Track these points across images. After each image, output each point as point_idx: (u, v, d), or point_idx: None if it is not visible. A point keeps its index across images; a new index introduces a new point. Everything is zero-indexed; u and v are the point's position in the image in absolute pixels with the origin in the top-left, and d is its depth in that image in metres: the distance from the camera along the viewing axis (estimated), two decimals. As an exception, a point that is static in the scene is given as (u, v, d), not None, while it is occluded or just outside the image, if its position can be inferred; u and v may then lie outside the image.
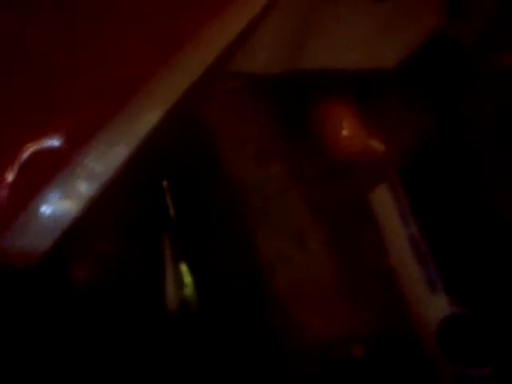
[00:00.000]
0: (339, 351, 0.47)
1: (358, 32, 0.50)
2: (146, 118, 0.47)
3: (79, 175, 0.47)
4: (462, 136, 0.50)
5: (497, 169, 0.49)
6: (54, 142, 0.46)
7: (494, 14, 0.50)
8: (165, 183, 0.52)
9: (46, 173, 0.46)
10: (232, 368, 0.49)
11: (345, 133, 0.51)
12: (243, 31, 0.50)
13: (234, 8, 0.49)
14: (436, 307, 0.46)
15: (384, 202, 0.50)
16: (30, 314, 0.48)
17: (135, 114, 0.47)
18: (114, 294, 0.50)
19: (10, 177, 0.46)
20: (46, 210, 0.46)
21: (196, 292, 0.51)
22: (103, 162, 0.47)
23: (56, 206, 0.46)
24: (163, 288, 0.51)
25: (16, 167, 0.46)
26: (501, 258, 0.46)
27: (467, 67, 0.50)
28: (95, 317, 0.49)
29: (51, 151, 0.46)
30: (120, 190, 0.49)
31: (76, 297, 0.49)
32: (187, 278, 0.51)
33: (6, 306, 0.47)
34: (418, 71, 0.50)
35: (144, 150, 0.48)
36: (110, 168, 0.47)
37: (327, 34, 0.51)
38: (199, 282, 0.51)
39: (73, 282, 0.49)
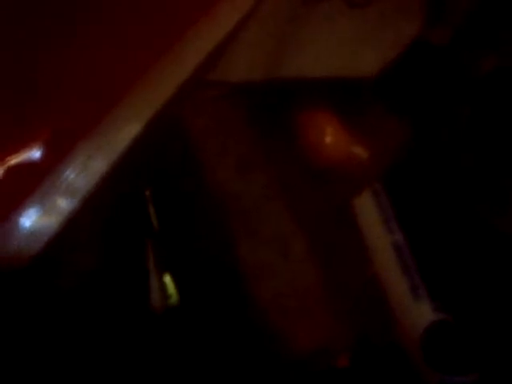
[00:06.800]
0: (323, 361, 0.47)
1: (338, 40, 0.50)
2: (125, 131, 0.48)
3: (59, 189, 0.47)
4: (445, 143, 0.50)
5: (478, 174, 0.49)
6: (34, 155, 0.47)
7: (473, 19, 0.50)
8: (147, 192, 0.52)
9: (26, 185, 0.47)
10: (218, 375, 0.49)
11: (327, 140, 0.51)
12: (223, 40, 0.50)
13: (213, 16, 0.49)
14: (420, 314, 0.46)
15: (367, 208, 0.50)
16: (14, 320, 0.48)
17: (114, 127, 0.47)
18: (98, 304, 0.49)
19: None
20: (25, 225, 0.46)
21: (179, 300, 0.50)
22: (83, 175, 0.47)
23: (36, 222, 0.46)
24: (148, 297, 0.51)
25: (-4, 180, 0.46)
26: (484, 265, 0.46)
27: (447, 73, 0.50)
28: (80, 326, 0.48)
29: (31, 164, 0.47)
30: (102, 201, 0.48)
31: (60, 306, 0.49)
32: (171, 287, 0.51)
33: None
34: (399, 78, 0.50)
35: (125, 161, 0.48)
36: (90, 181, 0.47)
37: (307, 42, 0.51)
38: (182, 290, 0.50)
39: (56, 292, 0.49)
